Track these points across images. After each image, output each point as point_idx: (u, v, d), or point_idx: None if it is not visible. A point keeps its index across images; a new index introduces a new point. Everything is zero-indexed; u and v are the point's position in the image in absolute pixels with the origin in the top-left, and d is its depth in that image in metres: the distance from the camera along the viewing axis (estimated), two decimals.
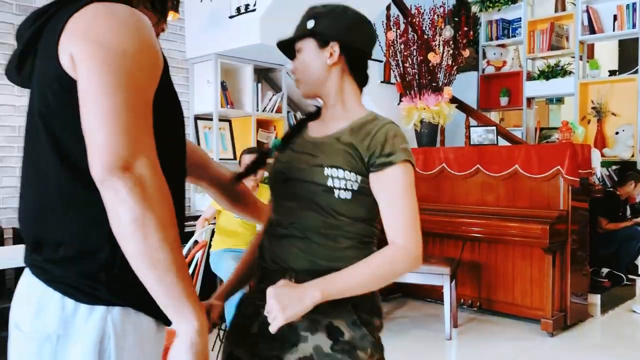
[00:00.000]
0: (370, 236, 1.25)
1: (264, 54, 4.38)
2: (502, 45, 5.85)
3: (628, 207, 4.82)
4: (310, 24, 1.26)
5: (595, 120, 5.21)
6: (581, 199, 4.04)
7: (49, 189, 0.94)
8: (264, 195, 3.44)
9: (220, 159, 4.44)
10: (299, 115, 5.10)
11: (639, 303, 4.50)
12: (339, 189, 1.20)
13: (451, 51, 4.64)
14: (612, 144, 5.15)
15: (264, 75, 5.00)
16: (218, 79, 4.34)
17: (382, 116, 1.26)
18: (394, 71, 4.84)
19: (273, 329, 1.08)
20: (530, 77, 5.53)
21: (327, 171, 1.20)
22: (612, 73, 5.36)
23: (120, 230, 0.84)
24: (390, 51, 4.74)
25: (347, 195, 1.20)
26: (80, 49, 0.87)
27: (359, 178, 1.20)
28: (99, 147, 0.84)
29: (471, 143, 4.48)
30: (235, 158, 4.64)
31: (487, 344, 3.58)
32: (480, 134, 4.43)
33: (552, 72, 5.34)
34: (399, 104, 4.94)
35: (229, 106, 4.49)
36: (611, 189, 4.79)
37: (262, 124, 4.81)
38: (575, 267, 3.96)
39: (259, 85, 4.69)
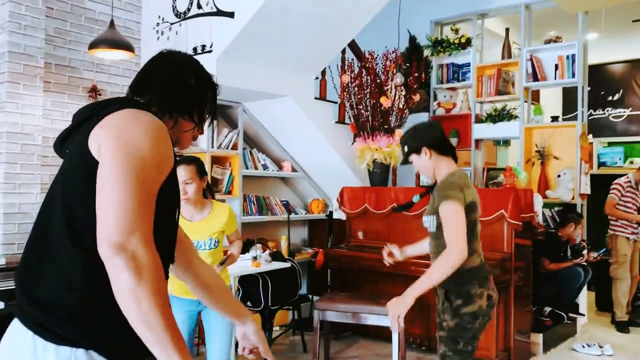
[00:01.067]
0: None
1: (222, 92, 4.42)
2: (452, 89, 6.08)
3: (569, 247, 5.04)
4: (405, 148, 2.36)
5: (539, 163, 5.46)
6: (524, 240, 4.21)
7: (45, 241, 1.15)
8: (219, 211, 2.88)
9: None
10: (255, 152, 5.14)
11: (579, 341, 4.68)
12: (429, 226, 2.30)
13: (403, 95, 4.80)
14: (554, 186, 5.40)
15: (221, 112, 5.04)
16: None
17: (450, 173, 2.29)
18: (348, 112, 4.97)
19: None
20: (478, 120, 5.76)
21: (425, 218, 2.35)
22: (554, 119, 5.65)
23: (119, 296, 1.03)
24: (345, 93, 4.87)
25: (434, 229, 2.27)
26: (107, 143, 1.11)
27: (435, 218, 2.25)
28: (105, 227, 1.04)
29: (421, 184, 4.62)
30: None
31: None
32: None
33: (499, 116, 5.58)
34: (352, 143, 5.06)
35: None
36: (553, 230, 5.00)
37: (217, 160, 4.82)
38: (519, 307, 4.10)
39: (215, 122, 4.71)
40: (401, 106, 4.82)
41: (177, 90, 1.31)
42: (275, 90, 4.42)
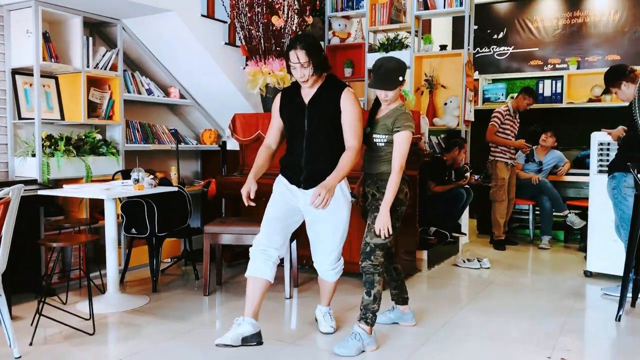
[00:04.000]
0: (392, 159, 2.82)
1: (95, 4, 4.02)
2: (347, 17, 6.02)
3: (453, 171, 5.28)
4: (400, 79, 2.82)
5: (428, 91, 5.60)
6: (412, 172, 4.31)
7: (326, 151, 2.78)
8: None
9: (43, 120, 4.01)
10: (137, 75, 4.78)
11: (460, 258, 4.99)
12: (379, 141, 2.84)
13: (295, 17, 4.65)
14: (441, 114, 5.58)
15: (97, 30, 4.59)
16: (39, 29, 3.87)
17: (401, 104, 2.88)
18: (238, 33, 4.74)
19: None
20: (371, 49, 5.77)
21: (375, 136, 2.85)
22: (442, 48, 5.78)
23: (351, 159, 2.72)
24: (235, 12, 4.62)
25: (382, 143, 2.84)
26: (347, 106, 2.73)
27: (386, 137, 2.82)
28: (351, 141, 2.73)
29: None
30: (63, 118, 4.22)
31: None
32: None
33: (391, 45, 5.61)
34: (244, 67, 4.86)
35: (53, 60, 4.05)
36: (439, 155, 5.21)
37: (95, 83, 4.42)
38: (406, 228, 4.24)
39: (91, 39, 4.29)
40: (294, 28, 4.67)
41: None
42: (155, 3, 4.08)
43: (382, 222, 2.77)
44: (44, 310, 3.08)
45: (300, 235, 4.15)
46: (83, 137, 4.28)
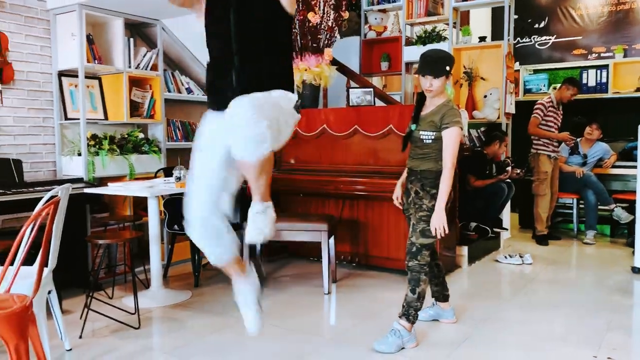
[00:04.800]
0: (441, 158, 2.76)
1: (135, 6, 4.11)
2: (383, 11, 5.97)
3: (494, 165, 5.18)
4: (447, 68, 2.75)
5: (467, 84, 5.51)
6: None
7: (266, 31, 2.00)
8: None
9: (88, 120, 4.13)
10: (177, 74, 4.87)
11: (502, 253, 4.90)
12: (426, 138, 2.79)
13: (331, 12, 4.64)
14: (481, 106, 5.48)
15: (138, 31, 4.70)
16: (83, 32, 4.00)
17: (448, 99, 2.83)
18: None
19: None
20: (408, 43, 5.70)
21: (422, 132, 2.80)
22: (481, 39, 5.67)
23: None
24: None
25: (430, 140, 2.78)
26: None
27: (434, 134, 2.76)
28: None
29: (350, 104, 4.55)
30: (106, 118, 4.35)
31: (362, 295, 3.71)
32: (358, 95, 4.51)
33: (429, 38, 5.54)
34: None
35: (96, 61, 4.17)
36: (479, 149, 5.12)
37: (137, 83, 4.53)
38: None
39: (132, 40, 4.40)
40: (330, 24, 4.67)
41: None
42: None
43: (438, 222, 2.72)
44: (92, 304, 3.19)
45: (338, 231, 4.17)
46: (126, 135, 4.39)
